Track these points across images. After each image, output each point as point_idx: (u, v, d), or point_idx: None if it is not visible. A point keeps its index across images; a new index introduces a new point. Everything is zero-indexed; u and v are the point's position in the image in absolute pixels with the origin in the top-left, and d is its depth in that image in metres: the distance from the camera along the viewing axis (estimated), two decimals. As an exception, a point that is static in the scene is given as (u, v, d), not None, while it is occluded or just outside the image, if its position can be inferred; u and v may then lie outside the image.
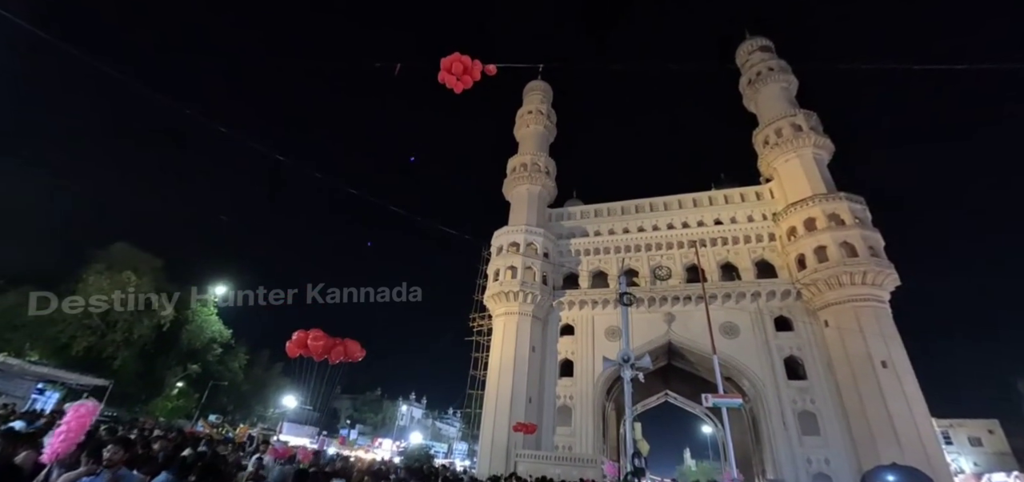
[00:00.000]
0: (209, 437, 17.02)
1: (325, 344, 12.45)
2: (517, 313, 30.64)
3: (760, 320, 27.99)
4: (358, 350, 13.92)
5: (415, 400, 59.93)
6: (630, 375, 15.19)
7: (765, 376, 26.35)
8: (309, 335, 13.35)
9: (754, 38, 39.45)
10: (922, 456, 20.71)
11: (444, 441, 53.33)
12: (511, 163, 39.53)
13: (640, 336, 27.82)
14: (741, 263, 30.50)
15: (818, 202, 28.09)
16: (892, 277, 25.55)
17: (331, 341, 12.62)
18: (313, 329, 13.97)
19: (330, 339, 12.67)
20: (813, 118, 32.75)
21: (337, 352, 12.65)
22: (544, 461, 24.30)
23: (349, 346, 12.65)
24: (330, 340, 12.64)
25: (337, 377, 16.80)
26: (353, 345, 12.75)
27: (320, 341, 12.52)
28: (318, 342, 12.57)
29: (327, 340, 12.63)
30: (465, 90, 10.40)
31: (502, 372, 29.11)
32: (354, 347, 12.73)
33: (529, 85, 44.63)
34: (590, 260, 33.94)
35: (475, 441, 32.66)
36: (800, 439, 24.30)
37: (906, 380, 23.07)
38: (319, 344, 12.55)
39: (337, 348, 12.52)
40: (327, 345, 12.52)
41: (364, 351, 14.73)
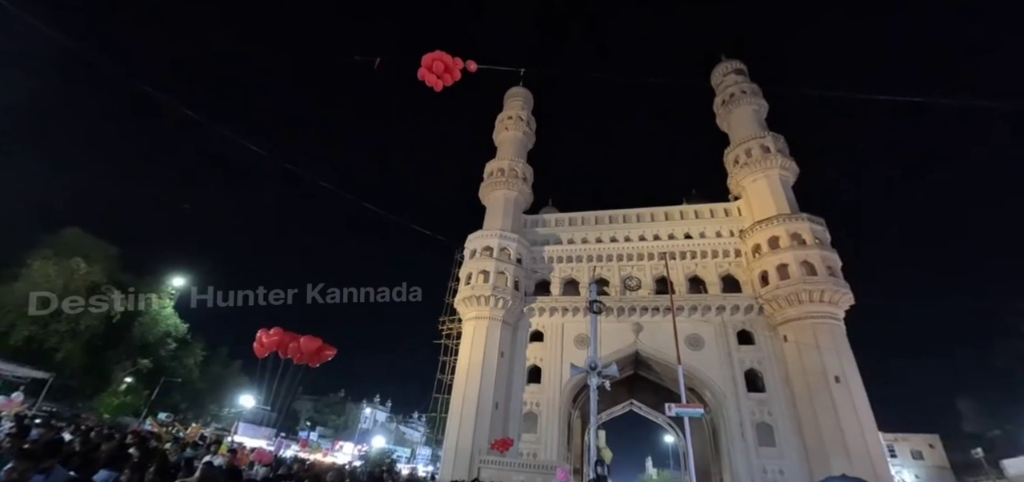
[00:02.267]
0: (157, 436, 16.17)
1: (280, 339, 11.99)
2: (488, 318, 30.46)
3: (724, 333, 28.72)
4: (320, 347, 13.48)
5: (379, 403, 58.74)
6: (596, 383, 15.28)
7: (726, 388, 27.00)
8: (267, 333, 12.88)
9: (729, 61, 40.86)
10: (869, 468, 21.57)
11: (408, 445, 52.29)
12: (488, 167, 39.50)
13: (609, 345, 28.04)
14: (708, 277, 31.28)
15: (782, 222, 29.13)
16: (847, 296, 26.67)
17: (288, 336, 12.17)
18: (274, 327, 13.53)
19: (287, 334, 12.22)
20: (780, 141, 34.05)
21: (293, 349, 12.20)
22: (508, 467, 24.13)
23: (306, 343, 12.18)
24: (286, 335, 12.19)
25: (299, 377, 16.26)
26: (311, 342, 12.28)
27: (276, 337, 12.06)
28: (274, 338, 12.09)
29: (283, 336, 12.17)
30: (445, 88, 10.35)
31: (470, 376, 28.82)
32: (312, 344, 12.26)
33: (510, 90, 44.81)
34: (563, 268, 34.14)
35: (439, 446, 32.19)
36: (757, 450, 24.97)
37: (857, 395, 24.08)
38: (275, 340, 12.08)
39: (293, 344, 12.09)
40: (283, 340, 12.06)
41: (333, 349, 14.29)
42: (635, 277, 31.89)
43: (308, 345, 12.29)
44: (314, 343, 12.41)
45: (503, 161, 39.02)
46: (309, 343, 12.33)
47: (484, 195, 38.54)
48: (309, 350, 12.29)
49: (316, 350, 12.47)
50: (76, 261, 28.35)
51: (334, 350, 14.53)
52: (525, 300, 32.21)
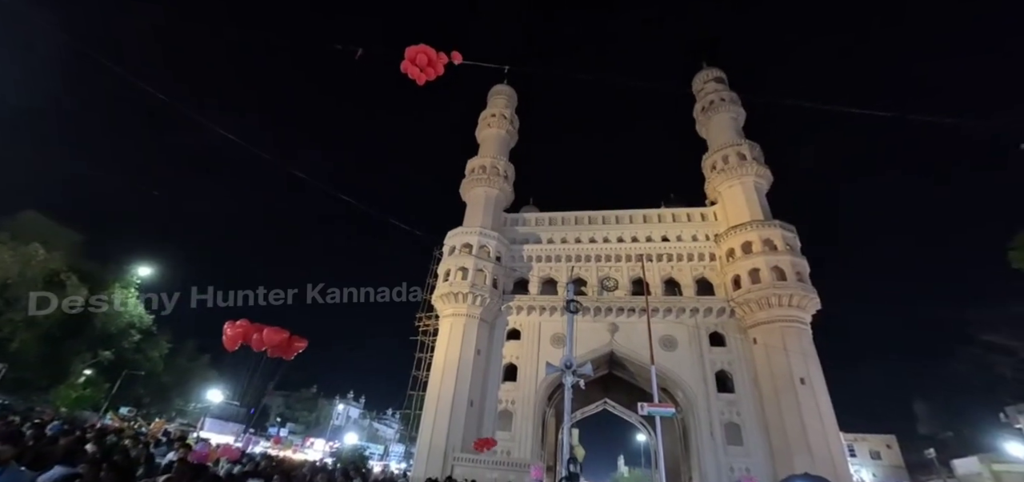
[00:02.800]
0: (117, 431, 15.55)
1: (245, 331, 11.62)
2: (465, 315, 30.35)
3: (697, 335, 29.31)
4: (288, 339, 13.12)
5: (353, 399, 57.91)
6: (571, 381, 15.41)
7: (698, 388, 27.60)
8: (232, 324, 12.49)
9: (710, 69, 41.69)
10: (830, 467, 22.38)
11: (381, 442, 51.64)
12: (470, 164, 39.36)
13: (584, 344, 28.25)
14: (683, 279, 31.89)
15: (755, 227, 29.91)
16: (814, 301, 27.58)
17: (253, 328, 11.81)
18: (240, 319, 13.14)
19: (252, 325, 11.86)
20: (756, 149, 34.96)
21: (258, 341, 11.86)
22: (481, 465, 24.12)
23: (270, 334, 11.85)
24: (252, 327, 11.83)
25: (269, 371, 15.92)
26: (276, 333, 11.94)
27: (241, 329, 11.68)
28: (239, 329, 11.71)
29: (248, 327, 11.81)
30: (428, 83, 10.25)
31: (445, 374, 28.67)
32: (277, 335, 11.92)
33: (494, 88, 44.74)
34: (541, 267, 34.28)
35: (413, 443, 31.92)
36: (725, 448, 25.61)
37: (821, 397, 24.93)
38: (240, 331, 11.71)
39: (257, 336, 11.76)
40: (248, 332, 11.69)
41: (304, 341, 13.97)
42: (612, 278, 32.26)
43: (272, 336, 11.96)
44: (279, 334, 12.07)
45: (485, 158, 38.93)
46: (274, 334, 12.00)
47: (465, 192, 38.40)
48: (274, 342, 11.95)
49: (282, 342, 12.13)
50: (34, 246, 27.02)
51: (305, 342, 14.22)
52: (503, 298, 32.22)
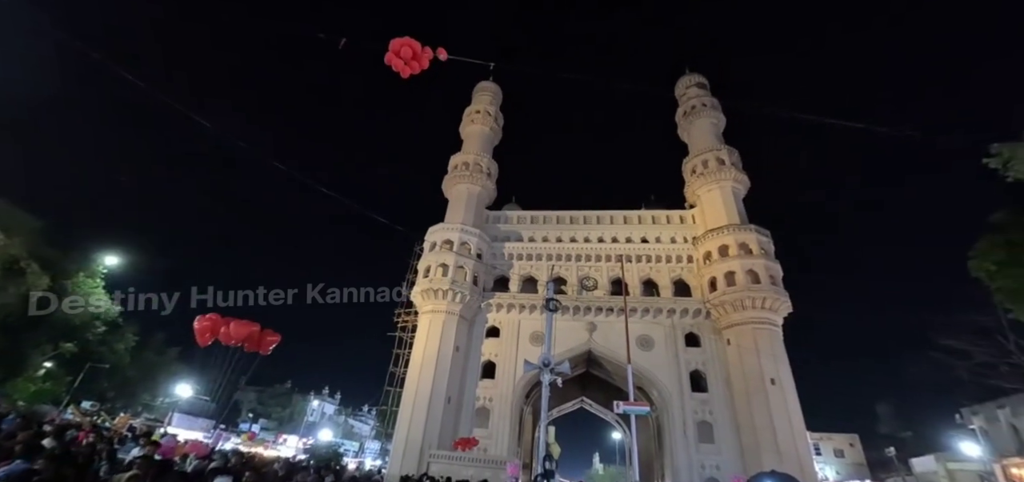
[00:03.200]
0: (78, 425, 14.90)
1: (213, 324, 11.23)
2: (445, 311, 30.19)
3: (673, 335, 29.87)
4: (259, 333, 12.78)
5: (328, 395, 57.07)
6: (549, 379, 15.52)
7: (672, 387, 28.14)
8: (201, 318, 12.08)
9: (692, 74, 42.35)
10: (797, 465, 23.10)
11: (356, 439, 50.93)
12: (453, 160, 39.12)
13: (563, 343, 28.50)
14: (661, 280, 32.42)
15: (732, 231, 30.58)
16: (786, 304, 28.41)
17: (221, 321, 11.43)
18: (210, 314, 12.74)
19: (220, 319, 11.48)
20: (735, 154, 35.73)
21: (226, 334, 11.50)
22: (457, 462, 24.03)
23: (238, 327, 11.52)
24: (220, 320, 11.45)
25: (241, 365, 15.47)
26: (243, 326, 11.60)
27: (208, 322, 11.28)
28: (206, 323, 11.32)
29: (216, 320, 11.43)
30: (412, 77, 10.10)
31: (423, 370, 28.49)
32: (244, 328, 11.58)
33: (479, 85, 44.52)
34: (522, 265, 34.35)
35: (389, 440, 31.62)
36: (697, 446, 26.21)
37: (789, 397, 25.73)
38: (207, 324, 11.32)
39: (224, 329, 11.41)
40: (216, 325, 11.31)
41: (277, 335, 13.63)
42: (592, 277, 32.58)
43: (240, 330, 11.63)
44: (248, 328, 11.75)
45: (468, 155, 38.76)
46: (242, 328, 11.67)
47: (447, 188, 38.15)
48: (242, 335, 11.62)
49: (252, 335, 11.81)
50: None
51: (278, 337, 13.89)
52: (483, 295, 32.17)
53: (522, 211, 38.47)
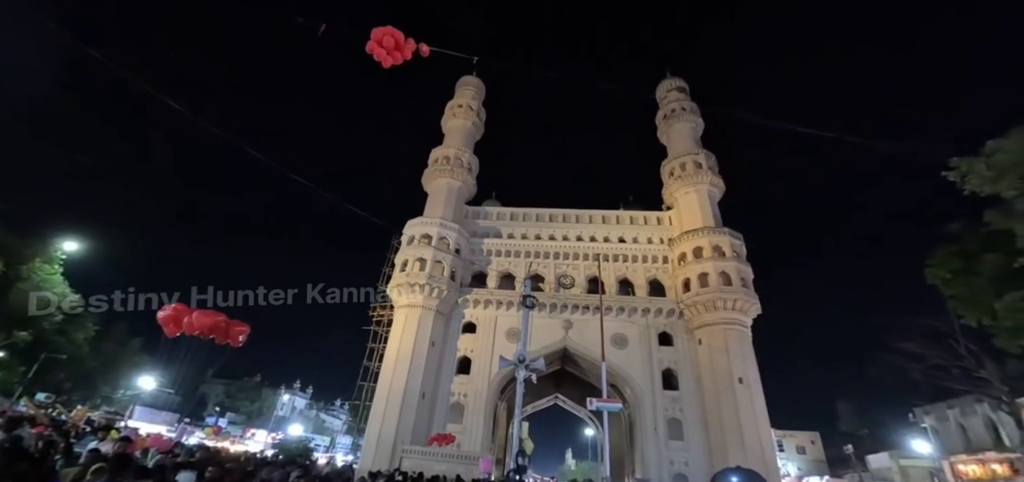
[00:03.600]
0: (31, 418, 14.09)
1: (176, 314, 10.73)
2: (421, 306, 29.88)
3: (647, 334, 30.37)
4: (225, 323, 12.30)
5: (300, 389, 55.80)
6: (524, 375, 15.58)
7: (645, 385, 28.63)
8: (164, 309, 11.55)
9: (673, 78, 42.92)
10: (761, 461, 23.85)
11: (328, 434, 49.92)
12: (434, 154, 38.70)
13: (539, 340, 28.63)
14: (637, 280, 32.90)
15: (706, 234, 31.22)
16: (756, 306, 29.22)
17: (183, 310, 10.94)
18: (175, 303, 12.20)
19: (183, 308, 10.97)
20: (712, 158, 36.45)
21: (189, 324, 11.03)
22: (430, 457, 23.87)
23: (201, 317, 11.06)
24: (182, 309, 10.95)
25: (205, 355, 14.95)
26: (206, 316, 11.15)
27: (171, 312, 10.77)
28: (169, 312, 10.81)
29: (179, 310, 10.92)
30: (393, 68, 9.90)
31: (398, 365, 28.15)
32: (208, 318, 11.13)
33: (463, 79, 44.11)
34: (500, 261, 34.31)
35: (361, 435, 31.16)
36: (667, 443, 26.77)
37: (756, 395, 26.54)
38: (170, 314, 10.81)
39: (187, 319, 10.95)
40: (179, 314, 10.82)
41: (245, 325, 13.15)
42: (570, 276, 32.81)
43: (203, 320, 11.17)
44: (212, 317, 11.28)
45: (449, 149, 38.40)
46: (205, 317, 11.21)
47: (427, 182, 37.71)
48: (206, 325, 11.18)
49: (218, 325, 11.35)
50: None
51: (246, 327, 13.43)
52: (461, 291, 31.99)
53: (502, 207, 38.40)
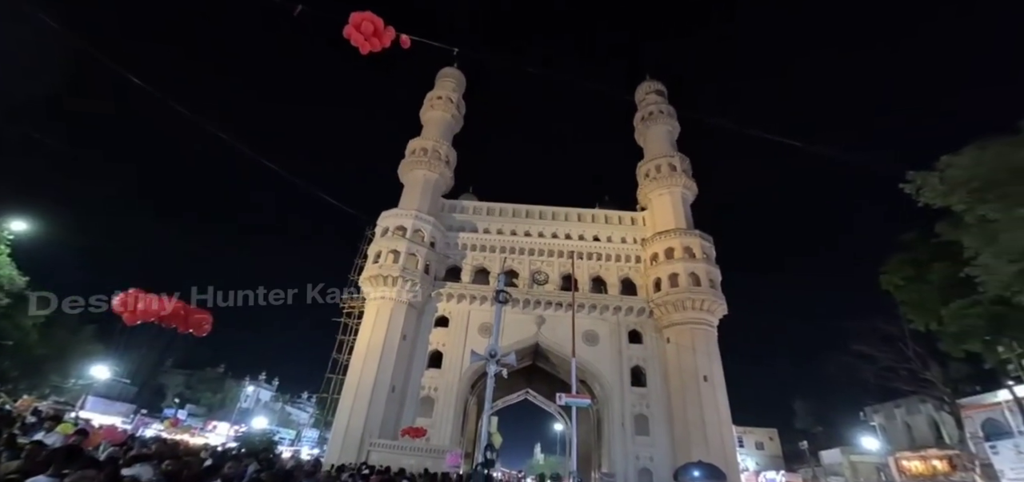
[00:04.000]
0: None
1: (131, 299, 10.11)
2: (393, 299, 29.51)
3: (618, 332, 30.93)
4: (184, 311, 11.75)
5: (265, 381, 54.24)
6: (494, 370, 15.61)
7: (614, 381, 29.19)
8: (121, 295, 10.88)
9: (652, 81, 43.60)
10: (722, 456, 24.78)
11: (294, 427, 48.74)
12: (411, 145, 38.16)
13: (512, 335, 28.75)
14: (609, 278, 33.43)
15: (678, 235, 31.95)
16: (723, 307, 30.15)
17: (138, 295, 10.34)
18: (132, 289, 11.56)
19: (138, 294, 10.37)
20: (686, 162, 37.30)
21: (144, 311, 10.47)
22: (399, 450, 23.71)
23: (159, 303, 10.52)
24: (136, 295, 10.33)
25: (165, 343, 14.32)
26: (164, 302, 10.62)
27: (126, 298, 10.15)
28: (122, 299, 10.19)
29: (135, 295, 10.31)
30: (372, 55, 9.68)
31: (368, 358, 27.75)
32: (165, 304, 10.60)
33: (443, 70, 43.58)
34: (475, 256, 34.22)
35: (329, 428, 30.59)
36: (633, 438, 27.41)
37: (719, 393, 27.47)
38: (122, 300, 10.20)
39: (142, 306, 10.40)
40: (134, 300, 10.21)
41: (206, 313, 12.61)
42: (544, 272, 33.04)
43: (162, 306, 10.62)
44: (171, 305, 10.74)
45: (427, 141, 37.93)
46: (163, 304, 10.66)
47: (403, 173, 37.16)
48: (163, 312, 10.64)
49: (175, 313, 10.82)
50: None
51: (207, 314, 12.88)
52: (434, 284, 31.76)
53: (478, 202, 38.25)
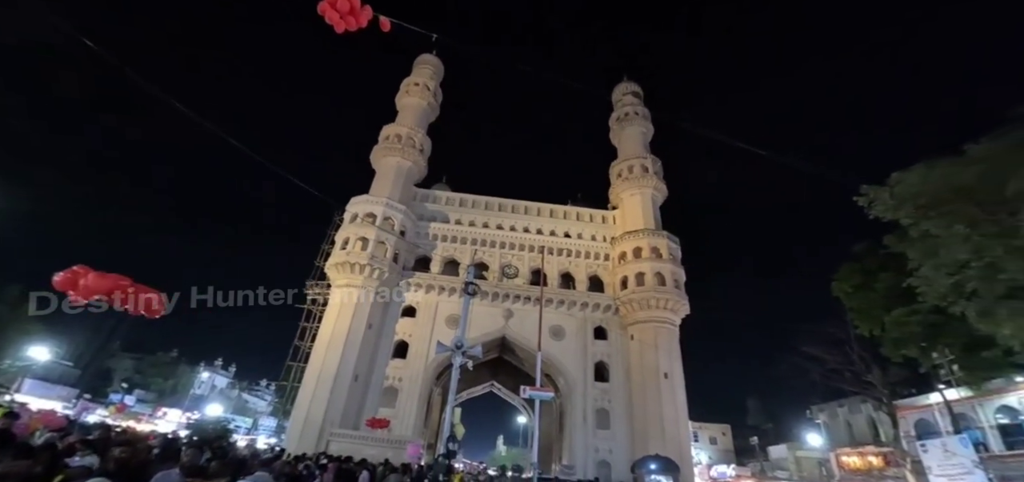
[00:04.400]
0: None
1: (70, 278, 9.36)
2: (360, 287, 28.92)
3: (584, 327, 31.50)
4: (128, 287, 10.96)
5: (222, 367, 52.19)
6: (460, 362, 15.60)
7: (578, 376, 29.75)
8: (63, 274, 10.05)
9: (628, 82, 44.22)
10: (677, 449, 25.75)
11: (250, 415, 47.01)
12: (385, 130, 37.38)
13: (479, 327, 28.76)
14: (578, 275, 33.92)
15: (647, 235, 32.72)
16: (685, 306, 31.15)
17: (81, 272, 9.59)
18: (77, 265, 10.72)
19: (81, 271, 9.61)
20: (658, 164, 38.15)
21: (84, 288, 9.73)
22: (359, 440, 23.39)
23: (97, 280, 9.86)
24: (79, 272, 9.59)
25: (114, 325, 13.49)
26: (104, 279, 9.95)
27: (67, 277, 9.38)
28: (63, 278, 9.41)
29: (75, 273, 9.57)
30: (347, 32, 9.38)
31: (331, 346, 27.17)
32: (105, 281, 9.93)
33: (421, 57, 42.80)
34: (446, 247, 34.00)
35: (288, 417, 29.79)
36: (594, 432, 28.08)
37: (678, 389, 28.46)
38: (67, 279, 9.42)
39: (83, 282, 9.72)
40: (74, 278, 9.46)
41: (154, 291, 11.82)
42: (514, 266, 33.20)
43: (102, 283, 9.95)
44: (113, 281, 10.04)
45: (402, 127, 37.24)
46: (104, 281, 9.98)
47: (376, 159, 36.38)
48: (104, 289, 9.98)
49: (118, 290, 10.13)
50: None
51: (155, 293, 12.06)
52: (403, 274, 31.35)
53: (451, 193, 37.95)
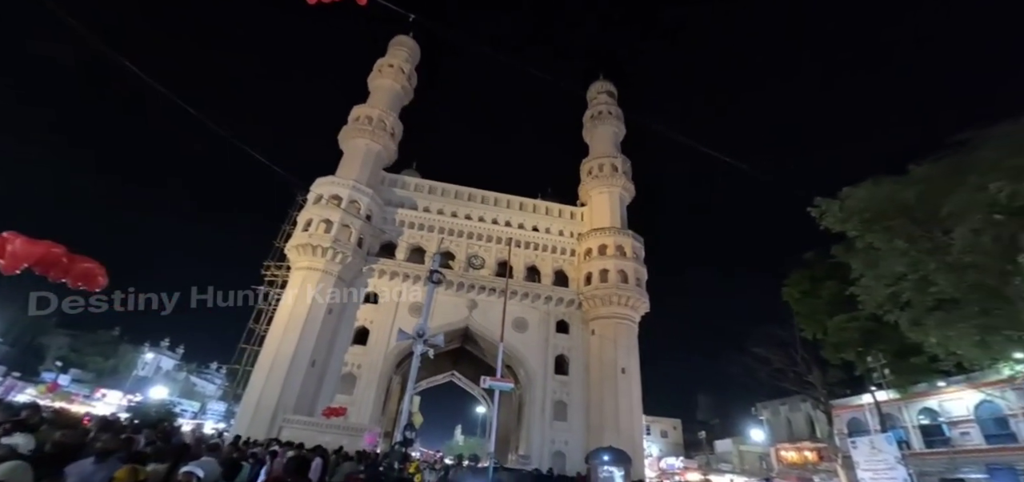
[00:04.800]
0: None
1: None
2: (321, 270, 28.19)
3: (547, 320, 32.02)
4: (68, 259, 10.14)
5: (168, 348, 49.69)
6: (421, 350, 15.53)
7: (538, 368, 30.26)
8: None
9: (604, 81, 44.79)
10: (630, 442, 26.62)
11: (198, 399, 44.92)
12: (355, 111, 36.34)
13: (442, 316, 28.65)
14: (544, 268, 34.37)
15: (613, 234, 33.49)
16: (645, 304, 32.18)
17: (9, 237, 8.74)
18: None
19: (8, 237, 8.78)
20: (627, 164, 39.00)
21: (12, 255, 8.89)
22: (313, 427, 22.87)
23: (26, 246, 9.07)
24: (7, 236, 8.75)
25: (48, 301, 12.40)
26: (33, 245, 9.15)
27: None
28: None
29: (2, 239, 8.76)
30: (320, 4, 9.13)
31: (288, 330, 26.36)
32: (33, 247, 9.12)
33: (396, 38, 41.76)
34: (412, 234, 33.61)
35: (238, 402, 28.74)
36: (552, 423, 28.69)
37: (634, 385, 29.46)
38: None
39: (10, 248, 8.89)
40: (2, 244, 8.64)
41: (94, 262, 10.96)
42: (480, 257, 33.22)
43: (31, 250, 9.10)
44: (43, 248, 9.21)
45: (373, 109, 36.30)
46: (33, 247, 9.13)
47: (344, 140, 35.31)
48: (34, 256, 9.18)
49: (48, 258, 9.34)
50: None
51: (94, 263, 11.19)
52: (367, 259, 30.77)
53: (420, 179, 37.43)
